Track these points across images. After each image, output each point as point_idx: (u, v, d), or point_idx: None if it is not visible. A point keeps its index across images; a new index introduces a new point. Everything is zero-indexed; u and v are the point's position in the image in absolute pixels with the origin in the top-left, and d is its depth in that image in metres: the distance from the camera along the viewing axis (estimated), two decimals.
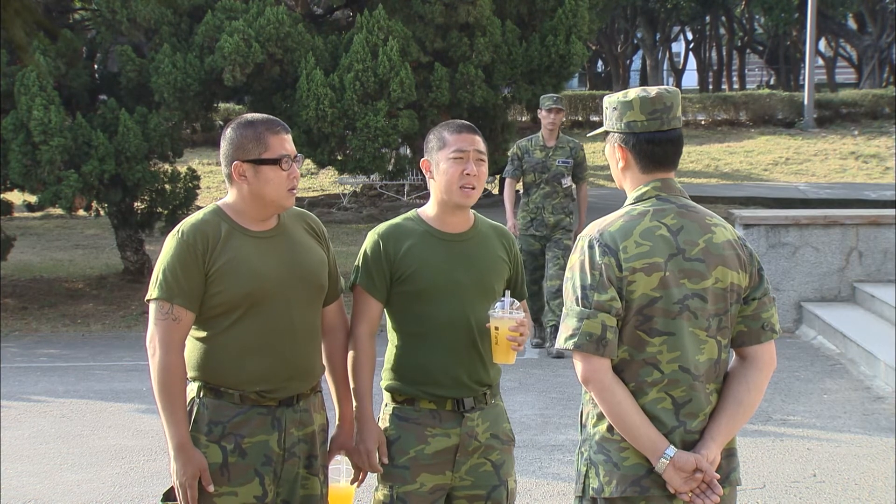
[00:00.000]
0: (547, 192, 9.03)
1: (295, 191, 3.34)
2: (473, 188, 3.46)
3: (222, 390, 3.31)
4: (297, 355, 3.35)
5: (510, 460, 3.57)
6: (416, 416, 3.46)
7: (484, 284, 3.50)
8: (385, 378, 3.54)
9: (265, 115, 3.40)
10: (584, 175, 9.16)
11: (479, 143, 3.49)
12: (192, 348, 3.32)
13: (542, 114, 9.06)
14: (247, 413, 3.30)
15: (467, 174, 3.43)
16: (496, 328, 3.39)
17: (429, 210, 3.55)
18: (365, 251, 3.51)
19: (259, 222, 3.36)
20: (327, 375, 3.54)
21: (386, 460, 3.45)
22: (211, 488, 3.25)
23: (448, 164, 3.44)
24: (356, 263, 3.54)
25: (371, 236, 3.52)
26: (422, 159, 3.54)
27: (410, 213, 3.58)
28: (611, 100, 3.06)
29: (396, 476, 3.44)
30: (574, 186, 9.17)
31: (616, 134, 3.04)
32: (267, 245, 3.34)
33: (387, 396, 3.55)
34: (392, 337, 3.55)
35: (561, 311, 2.98)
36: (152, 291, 3.28)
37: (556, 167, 8.99)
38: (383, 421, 3.52)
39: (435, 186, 3.51)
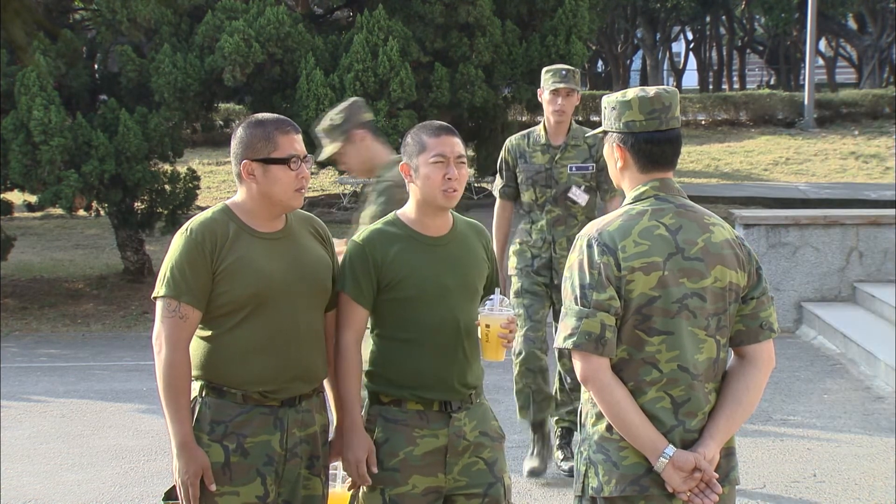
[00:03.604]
0: (556, 217, 5.91)
1: (304, 191, 3.34)
2: (455, 191, 3.44)
3: (225, 390, 3.31)
4: (300, 357, 3.35)
5: (502, 457, 3.56)
6: (403, 418, 3.44)
7: (469, 286, 3.50)
8: (369, 380, 3.50)
9: (276, 115, 3.40)
10: (612, 186, 5.69)
11: (459, 145, 3.47)
12: (195, 347, 3.32)
13: (544, 97, 5.92)
14: (249, 413, 3.30)
15: (449, 178, 3.42)
16: (487, 326, 3.39)
17: (409, 213, 3.51)
18: (351, 259, 3.45)
19: (267, 223, 3.36)
20: (326, 381, 3.53)
21: (375, 469, 3.39)
22: (213, 487, 3.24)
23: (429, 168, 3.41)
24: (342, 271, 3.47)
25: (354, 243, 3.48)
26: (400, 163, 3.52)
27: (389, 217, 3.54)
28: (609, 100, 3.07)
29: (387, 479, 3.41)
30: (598, 204, 6.04)
31: (615, 134, 3.04)
32: (274, 246, 3.35)
33: (372, 398, 3.51)
34: (376, 341, 3.51)
35: (578, 397, 2.93)
36: (159, 289, 3.28)
37: (569, 177, 5.88)
38: (370, 423, 3.47)
39: (415, 190, 3.48)
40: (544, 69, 5.99)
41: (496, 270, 3.66)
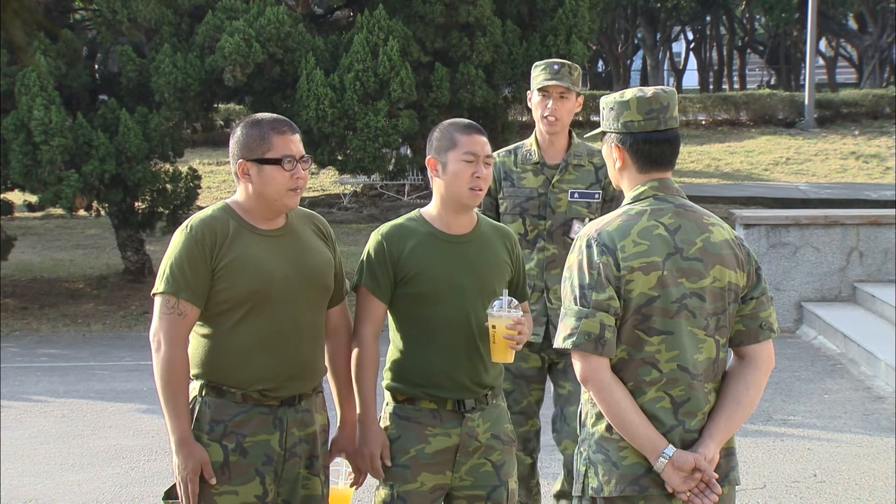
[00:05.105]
0: (551, 258, 4.60)
1: (299, 191, 3.33)
2: (481, 189, 3.47)
3: (224, 389, 3.31)
4: (300, 355, 3.35)
5: (511, 461, 3.57)
6: (416, 416, 3.46)
7: (486, 287, 3.49)
8: (386, 378, 3.55)
9: (274, 115, 3.40)
10: None
11: (488, 145, 3.52)
12: (195, 346, 3.33)
13: (534, 100, 4.63)
14: (248, 412, 3.31)
15: (477, 177, 3.44)
16: (493, 326, 3.40)
17: (432, 210, 3.54)
18: (369, 252, 3.50)
19: (266, 221, 3.37)
20: (329, 377, 3.54)
21: (389, 463, 3.45)
22: (213, 480, 3.25)
23: (458, 165, 3.44)
24: (360, 264, 3.53)
25: (374, 237, 3.52)
26: (427, 157, 3.53)
27: (413, 214, 3.58)
28: (608, 100, 3.07)
29: (397, 475, 3.45)
30: None
31: (613, 134, 3.05)
32: (274, 244, 3.35)
33: (387, 396, 3.56)
34: (394, 337, 3.55)
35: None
36: (159, 285, 3.28)
37: (569, 205, 4.61)
38: (384, 420, 3.52)
39: (440, 185, 3.49)
40: (535, 64, 4.67)
41: (522, 275, 3.64)
